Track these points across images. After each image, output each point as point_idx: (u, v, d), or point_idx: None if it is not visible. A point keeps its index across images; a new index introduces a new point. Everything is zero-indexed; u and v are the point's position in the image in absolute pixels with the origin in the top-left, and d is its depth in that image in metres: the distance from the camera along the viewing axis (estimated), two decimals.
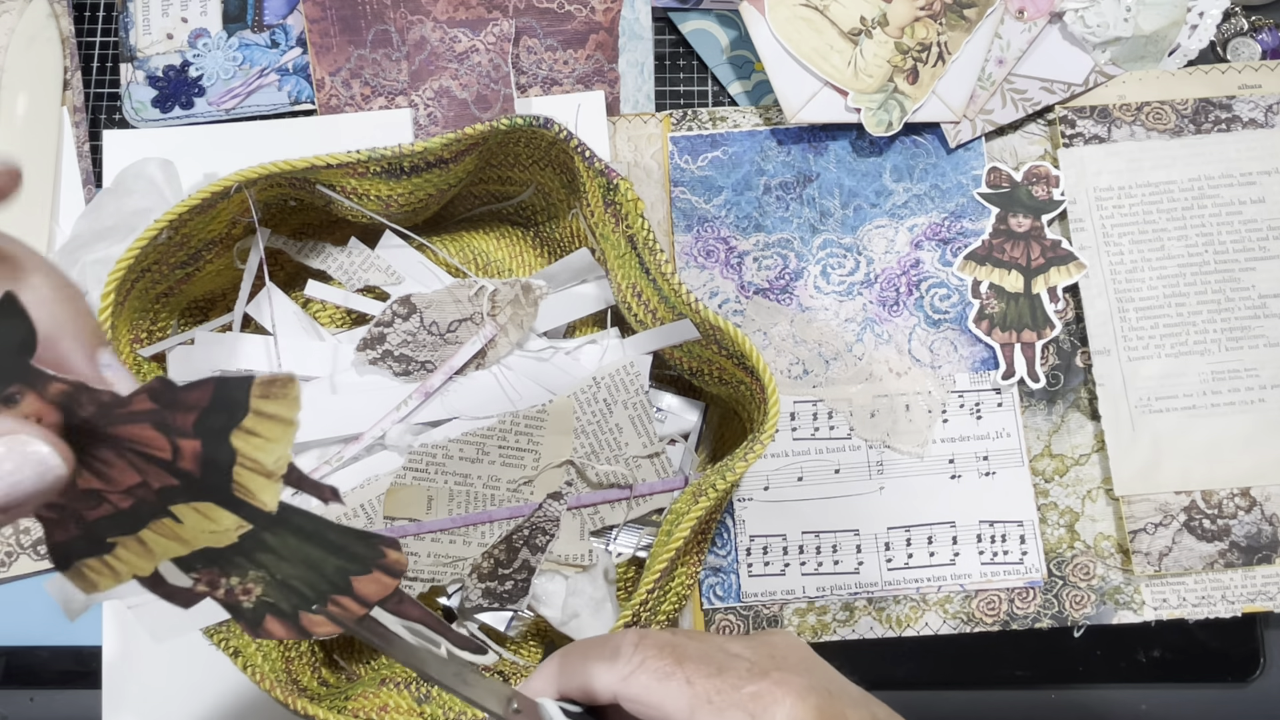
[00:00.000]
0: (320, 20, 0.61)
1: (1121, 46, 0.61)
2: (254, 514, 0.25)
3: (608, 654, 0.33)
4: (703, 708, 0.31)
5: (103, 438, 0.23)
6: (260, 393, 0.23)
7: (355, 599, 0.27)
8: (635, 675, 0.32)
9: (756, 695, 0.31)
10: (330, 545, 0.26)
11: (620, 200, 0.49)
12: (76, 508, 0.24)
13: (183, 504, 0.24)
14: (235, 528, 0.25)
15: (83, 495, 0.24)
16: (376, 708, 0.48)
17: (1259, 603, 0.56)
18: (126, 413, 0.22)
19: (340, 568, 0.26)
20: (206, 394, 0.22)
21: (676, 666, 0.32)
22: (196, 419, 0.23)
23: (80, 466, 0.23)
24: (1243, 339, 0.58)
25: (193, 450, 0.23)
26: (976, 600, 0.56)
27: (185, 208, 0.47)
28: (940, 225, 0.60)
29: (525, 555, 0.51)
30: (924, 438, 0.57)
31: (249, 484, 0.24)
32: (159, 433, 0.23)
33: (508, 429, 0.52)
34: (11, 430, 0.22)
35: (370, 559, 0.26)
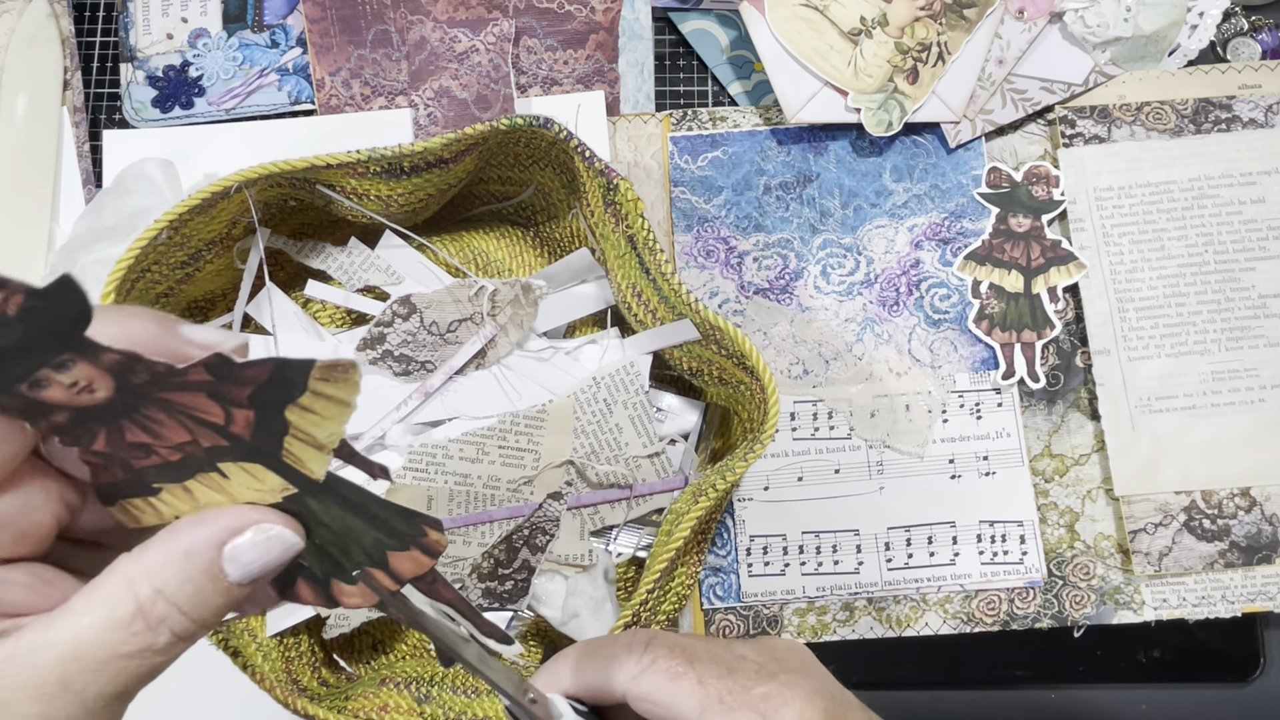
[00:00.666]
0: (320, 20, 0.61)
1: (1121, 46, 0.61)
2: (300, 479, 0.25)
3: (618, 653, 0.33)
4: (714, 708, 0.31)
5: (155, 400, 0.23)
6: (320, 375, 0.22)
7: (389, 574, 0.27)
8: (647, 674, 0.32)
9: (766, 696, 0.32)
10: (372, 518, 0.26)
11: (620, 200, 0.49)
12: (124, 456, 0.24)
13: (230, 462, 0.24)
14: (280, 489, 0.25)
15: (130, 447, 0.24)
16: (376, 708, 0.48)
17: (1259, 603, 0.56)
18: (181, 382, 0.22)
19: (379, 541, 0.26)
20: (265, 371, 0.22)
21: (688, 666, 0.32)
22: (252, 393, 0.23)
23: (129, 422, 0.23)
24: (1243, 339, 0.58)
25: (245, 418, 0.23)
26: (976, 600, 0.56)
27: (185, 208, 0.47)
28: (940, 225, 0.60)
29: (525, 555, 0.51)
30: (924, 438, 0.57)
31: (299, 453, 0.24)
32: (213, 401, 0.23)
33: (508, 429, 0.52)
34: (253, 520, 0.24)
35: (410, 536, 0.26)
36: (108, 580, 0.24)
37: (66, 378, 0.21)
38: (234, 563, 0.24)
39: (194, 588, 0.24)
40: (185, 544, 0.24)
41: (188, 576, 0.24)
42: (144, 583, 0.24)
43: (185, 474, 0.24)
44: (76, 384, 0.21)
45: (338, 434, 0.24)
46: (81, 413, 0.22)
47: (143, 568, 0.24)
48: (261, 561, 0.25)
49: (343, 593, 0.27)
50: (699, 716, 0.31)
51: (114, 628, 0.23)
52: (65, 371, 0.21)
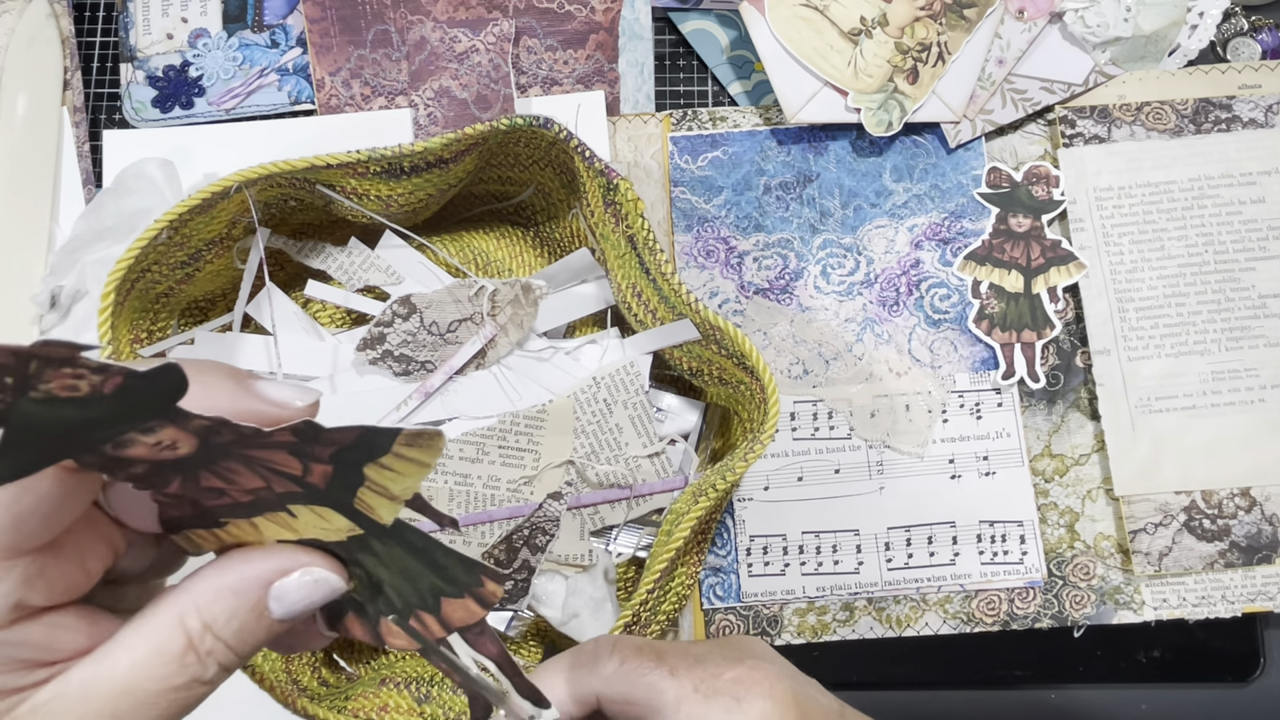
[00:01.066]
0: (320, 20, 0.61)
1: (1121, 46, 0.61)
2: (368, 523, 0.25)
3: (585, 660, 0.33)
4: (689, 697, 0.32)
5: (236, 456, 0.23)
6: (406, 441, 0.23)
7: (439, 620, 0.27)
8: (619, 674, 0.33)
9: (737, 680, 0.32)
10: (433, 563, 0.26)
11: (620, 200, 0.49)
12: (196, 498, 0.24)
13: (301, 505, 0.25)
14: (347, 529, 0.25)
15: (204, 490, 0.24)
16: (376, 708, 0.48)
17: (1259, 603, 0.56)
18: (264, 442, 0.22)
19: (434, 586, 0.26)
20: (351, 436, 0.23)
21: (659, 661, 0.33)
22: (334, 452, 0.23)
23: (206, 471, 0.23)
24: (1243, 339, 0.58)
25: (323, 472, 0.23)
26: (976, 600, 0.56)
27: (185, 208, 0.47)
28: (940, 225, 0.60)
29: (525, 555, 0.51)
30: (924, 438, 0.57)
31: (371, 502, 0.24)
32: (293, 457, 0.23)
33: (508, 429, 0.52)
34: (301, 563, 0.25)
35: (466, 585, 0.26)
36: (157, 615, 0.24)
37: (151, 439, 0.21)
38: (279, 601, 0.25)
39: (240, 624, 0.25)
40: (233, 582, 0.25)
41: (234, 613, 0.25)
42: (194, 617, 0.24)
43: (255, 513, 0.25)
44: (160, 443, 0.22)
45: (413, 489, 0.24)
46: (161, 465, 0.23)
47: (192, 602, 0.24)
48: (306, 602, 0.25)
49: (390, 633, 0.27)
50: (676, 708, 0.32)
51: (165, 661, 0.24)
52: (152, 434, 0.21)
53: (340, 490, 0.24)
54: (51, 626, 0.24)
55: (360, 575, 0.26)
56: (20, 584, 0.23)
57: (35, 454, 0.20)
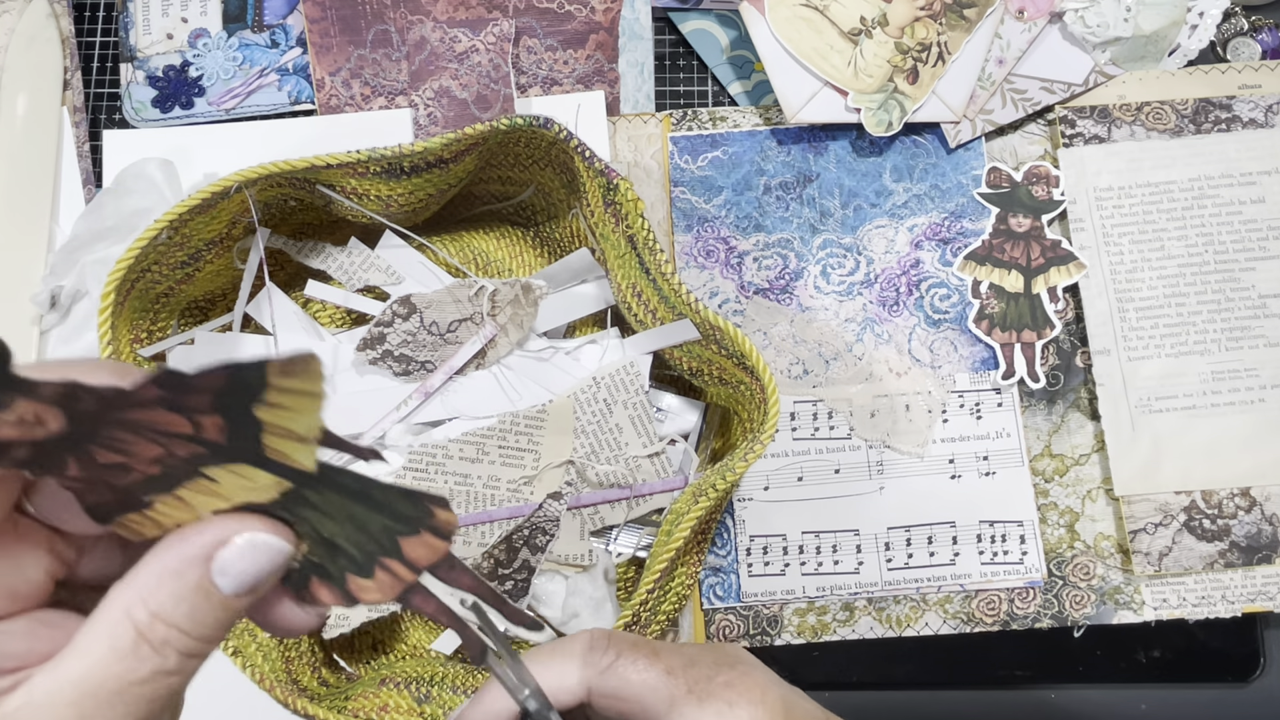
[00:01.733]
0: (320, 20, 0.61)
1: (1121, 46, 0.61)
2: (292, 474, 0.24)
3: (577, 651, 0.33)
4: (683, 698, 0.32)
5: (114, 422, 0.22)
6: (279, 371, 0.22)
7: (404, 563, 0.26)
8: (613, 669, 0.32)
9: (729, 684, 0.33)
10: (375, 503, 0.25)
11: (620, 200, 0.49)
12: (103, 478, 0.23)
13: (215, 467, 0.24)
14: (274, 485, 0.24)
15: (105, 468, 0.23)
16: (376, 708, 0.48)
17: (1259, 603, 0.56)
18: (133, 402, 0.22)
19: (387, 527, 0.25)
20: (219, 379, 0.22)
21: (654, 659, 0.33)
22: (213, 399, 0.22)
23: (96, 446, 0.23)
24: (1243, 339, 0.58)
25: (215, 424, 0.23)
26: (976, 600, 0.56)
27: (185, 208, 0.47)
28: (940, 225, 0.60)
29: (525, 555, 0.51)
30: (924, 438, 0.57)
31: (281, 448, 0.23)
32: (174, 414, 0.22)
33: (508, 429, 0.52)
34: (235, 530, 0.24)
35: (418, 519, 0.25)
36: (105, 612, 0.24)
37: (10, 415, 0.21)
38: (224, 575, 0.24)
39: (189, 606, 0.24)
40: (171, 563, 0.24)
41: (181, 596, 0.24)
42: (139, 608, 0.24)
43: (173, 484, 0.24)
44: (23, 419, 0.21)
45: (316, 424, 0.23)
46: (41, 445, 0.22)
47: (136, 593, 0.24)
48: (253, 571, 0.24)
49: (361, 589, 0.26)
50: (669, 708, 0.32)
51: (120, 658, 0.23)
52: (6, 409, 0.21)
53: (244, 441, 0.23)
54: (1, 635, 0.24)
55: (309, 533, 0.25)
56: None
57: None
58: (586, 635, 0.34)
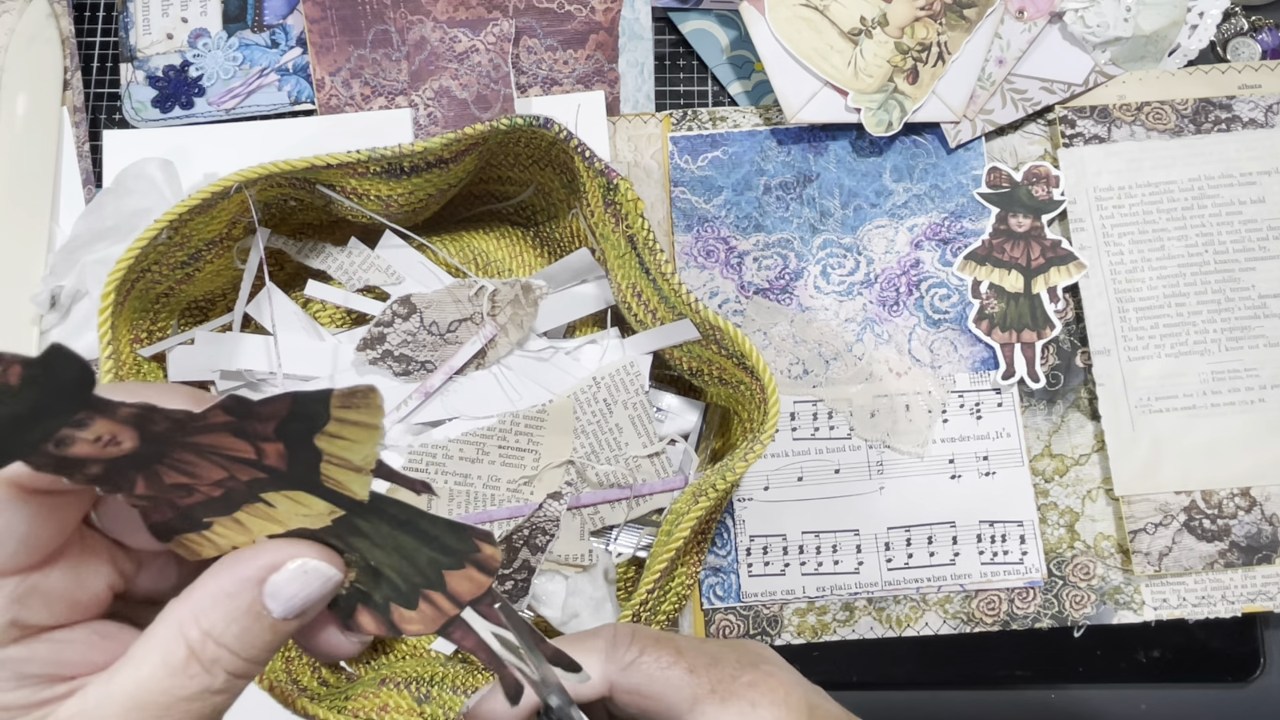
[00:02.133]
0: (320, 20, 0.61)
1: (1121, 46, 0.61)
2: (346, 502, 0.25)
3: (601, 645, 0.33)
4: (706, 697, 0.32)
5: (183, 445, 0.23)
6: (340, 403, 0.23)
7: (447, 596, 0.27)
8: (636, 665, 0.32)
9: (752, 684, 0.32)
10: (423, 534, 0.26)
11: (620, 200, 0.49)
12: (168, 497, 0.24)
13: (273, 492, 0.24)
14: (328, 512, 0.25)
15: (171, 488, 0.24)
16: (376, 708, 0.48)
17: (1259, 603, 0.56)
18: (202, 425, 0.22)
19: (433, 559, 0.26)
20: (283, 406, 0.22)
21: (677, 657, 0.32)
22: (277, 426, 0.23)
23: (164, 466, 0.23)
24: (1243, 339, 0.58)
25: (276, 451, 0.23)
26: (976, 600, 0.56)
27: (185, 208, 0.47)
28: (940, 225, 0.60)
29: (525, 555, 0.51)
30: (924, 438, 0.57)
31: (338, 477, 0.24)
32: (239, 439, 0.23)
33: (508, 429, 0.52)
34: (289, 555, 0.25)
35: (463, 553, 0.26)
36: (159, 628, 0.24)
37: (89, 434, 0.21)
38: (275, 599, 0.25)
39: (240, 627, 0.24)
40: (226, 585, 0.25)
41: (233, 617, 0.24)
42: (192, 626, 0.24)
43: (232, 507, 0.25)
44: (100, 438, 0.22)
45: (373, 455, 0.24)
46: (114, 463, 0.23)
47: (190, 611, 0.24)
48: (303, 595, 0.25)
49: (404, 619, 0.27)
50: (691, 706, 0.31)
51: (171, 673, 0.24)
52: (86, 428, 0.21)
53: (303, 469, 0.24)
54: (59, 644, 0.25)
55: (358, 562, 0.26)
56: (12, 602, 0.24)
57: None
58: (610, 630, 0.33)
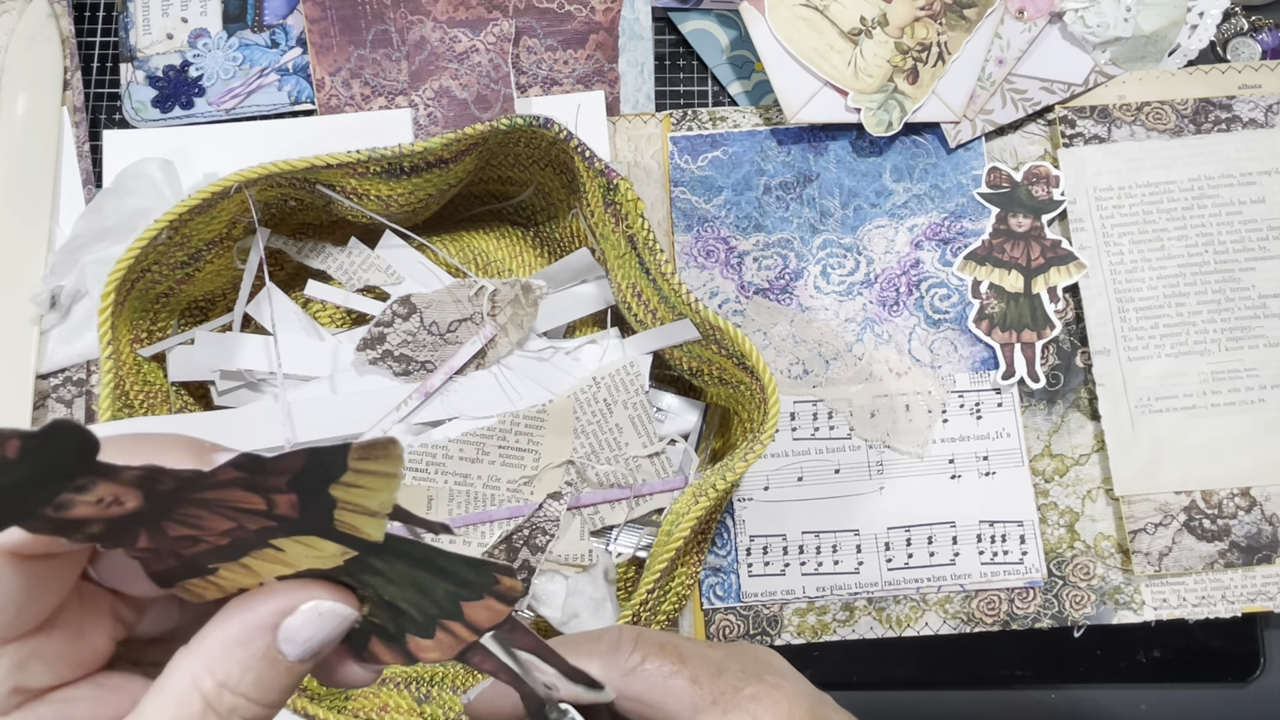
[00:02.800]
0: (320, 20, 0.61)
1: (1121, 46, 0.61)
2: (359, 543, 0.24)
3: (604, 650, 0.32)
4: (708, 709, 0.31)
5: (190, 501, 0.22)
6: (359, 455, 0.22)
7: (466, 625, 0.26)
8: (637, 673, 0.32)
9: (755, 696, 0.32)
10: (440, 570, 0.25)
11: (620, 200, 0.49)
12: (171, 549, 0.23)
13: (283, 538, 0.24)
14: (340, 554, 0.24)
15: (175, 540, 0.23)
16: (376, 708, 0.48)
17: (1259, 603, 0.56)
18: (211, 483, 0.22)
19: (450, 593, 0.25)
20: (298, 461, 0.22)
21: (680, 665, 0.32)
22: (290, 479, 0.22)
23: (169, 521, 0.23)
24: (1243, 339, 0.58)
25: (289, 501, 0.23)
26: (976, 600, 0.56)
27: (185, 208, 0.47)
28: (940, 225, 0.60)
29: (525, 555, 0.51)
30: (924, 438, 0.57)
31: (352, 522, 0.23)
32: (249, 492, 0.22)
33: (508, 429, 0.52)
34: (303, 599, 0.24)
35: (483, 585, 0.25)
36: (171, 680, 0.24)
37: (90, 496, 0.21)
38: (290, 643, 0.24)
39: (255, 675, 0.24)
40: (238, 632, 0.24)
41: (248, 665, 0.24)
42: (206, 678, 0.23)
43: (239, 554, 0.24)
44: (102, 500, 0.21)
45: (390, 501, 0.23)
46: (116, 522, 0.22)
47: (202, 662, 0.24)
48: (319, 638, 0.24)
49: (420, 648, 0.26)
50: (692, 717, 0.31)
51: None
52: (88, 492, 0.21)
53: (316, 516, 0.23)
54: (65, 703, 0.24)
55: (372, 597, 0.25)
56: (13, 669, 0.23)
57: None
58: (614, 633, 0.33)
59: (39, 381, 0.58)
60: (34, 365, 0.57)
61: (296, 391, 0.53)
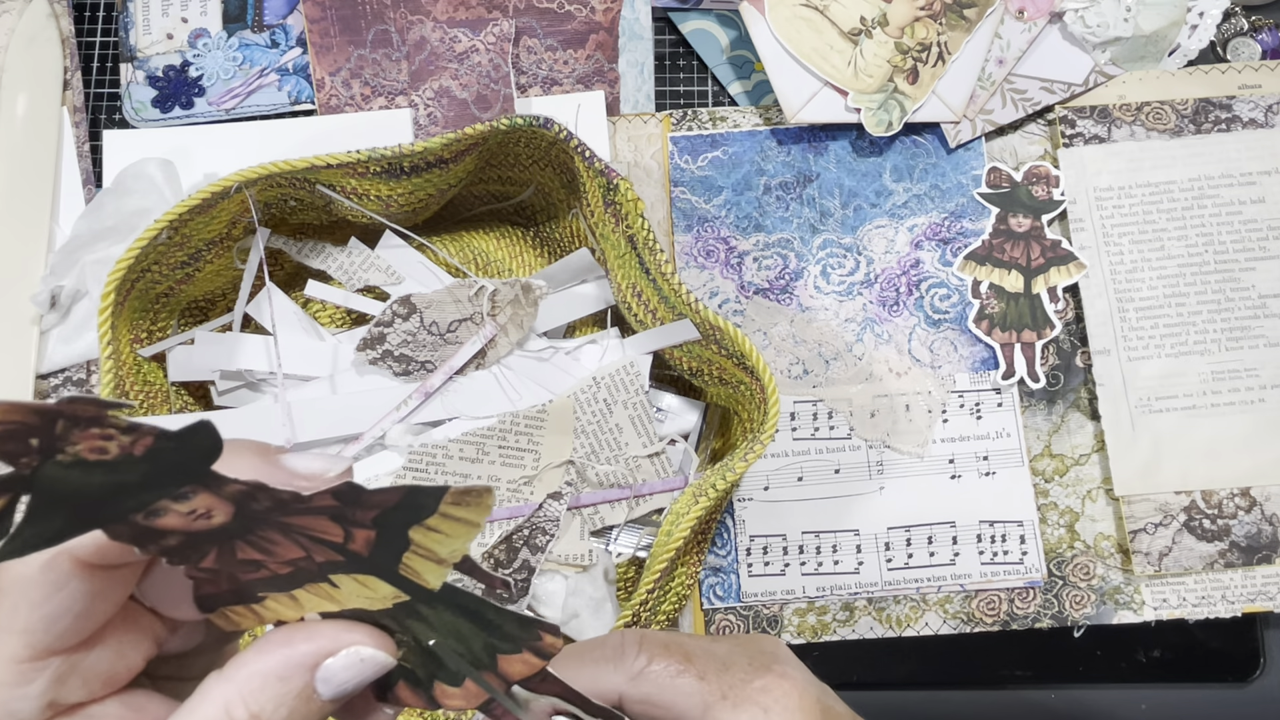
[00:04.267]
0: (320, 20, 0.61)
1: (1121, 46, 0.61)
2: (414, 589, 0.24)
3: (609, 655, 0.32)
4: (717, 704, 0.31)
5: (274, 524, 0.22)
6: (454, 500, 0.22)
7: (498, 675, 0.26)
8: (644, 675, 0.32)
9: (765, 689, 0.32)
10: (485, 623, 0.25)
11: (620, 200, 0.49)
12: (231, 571, 0.23)
13: (343, 575, 0.24)
14: (391, 597, 0.24)
15: (240, 563, 0.23)
16: None
17: (1259, 603, 0.56)
18: (304, 508, 0.22)
19: (489, 645, 0.25)
20: (395, 497, 0.22)
21: (686, 663, 0.32)
22: (377, 515, 0.22)
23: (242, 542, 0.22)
24: (1243, 339, 0.58)
25: (365, 537, 0.22)
26: (976, 600, 0.56)
27: (185, 208, 0.47)
28: (940, 225, 0.60)
29: (525, 555, 0.51)
30: (924, 438, 0.57)
31: (417, 567, 0.23)
32: (334, 523, 0.22)
33: (508, 429, 0.52)
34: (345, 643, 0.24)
35: (524, 640, 0.25)
36: (203, 705, 0.23)
37: (185, 506, 0.20)
38: (327, 684, 0.24)
39: (288, 710, 0.24)
40: (277, 668, 0.24)
41: (282, 700, 0.23)
42: (239, 707, 0.23)
43: (294, 584, 0.24)
44: (194, 512, 0.21)
45: (461, 551, 0.23)
46: (194, 536, 0.22)
47: (237, 692, 0.23)
48: (355, 681, 0.24)
49: (445, 695, 0.26)
50: (702, 714, 0.31)
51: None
52: (186, 501, 0.20)
53: (384, 556, 0.23)
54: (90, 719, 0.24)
55: (408, 642, 0.25)
56: (53, 683, 0.23)
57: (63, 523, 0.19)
58: (617, 638, 0.33)
59: (39, 381, 0.58)
60: (34, 365, 0.57)
61: (296, 391, 0.53)
